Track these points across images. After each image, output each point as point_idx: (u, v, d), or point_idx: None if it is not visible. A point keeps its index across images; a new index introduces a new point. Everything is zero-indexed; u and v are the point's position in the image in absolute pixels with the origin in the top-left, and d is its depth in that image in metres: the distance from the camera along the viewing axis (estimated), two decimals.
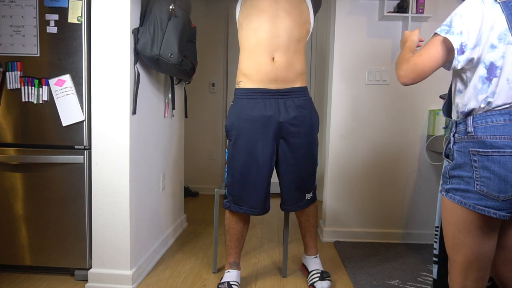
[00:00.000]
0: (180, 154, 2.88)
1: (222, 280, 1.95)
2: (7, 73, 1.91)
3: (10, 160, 1.96)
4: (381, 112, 2.68)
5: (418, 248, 2.60)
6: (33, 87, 1.91)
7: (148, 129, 2.17)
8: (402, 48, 1.39)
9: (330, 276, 2.02)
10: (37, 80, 1.90)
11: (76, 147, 1.93)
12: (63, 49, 1.88)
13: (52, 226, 1.97)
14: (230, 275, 1.96)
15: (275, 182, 2.01)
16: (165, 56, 1.92)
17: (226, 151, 1.94)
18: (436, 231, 1.60)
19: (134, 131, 1.96)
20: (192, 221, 3.20)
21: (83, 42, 1.87)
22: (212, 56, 4.21)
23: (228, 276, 1.96)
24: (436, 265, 1.60)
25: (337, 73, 2.68)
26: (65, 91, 1.89)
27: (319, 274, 1.99)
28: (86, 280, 1.97)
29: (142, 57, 1.94)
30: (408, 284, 2.06)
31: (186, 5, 2.14)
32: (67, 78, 1.89)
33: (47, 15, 1.87)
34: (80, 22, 1.86)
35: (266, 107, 1.83)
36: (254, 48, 1.82)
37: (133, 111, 1.92)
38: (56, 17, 1.87)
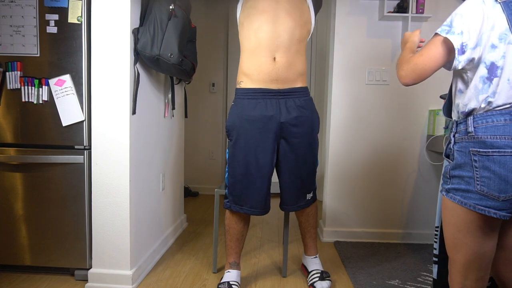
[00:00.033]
0: (180, 154, 2.88)
1: (222, 280, 1.95)
2: (7, 73, 1.91)
3: (10, 160, 1.96)
4: (381, 112, 2.68)
5: (418, 248, 2.60)
6: (33, 87, 1.90)
7: (148, 129, 2.17)
8: (403, 49, 1.38)
9: (330, 276, 2.02)
10: (37, 80, 1.90)
11: (76, 147, 1.93)
12: (63, 49, 1.88)
13: (52, 226, 1.97)
14: (230, 275, 1.96)
15: (275, 182, 2.01)
16: (165, 56, 1.92)
17: (227, 151, 1.94)
18: (436, 231, 1.60)
19: (134, 131, 1.96)
20: (192, 221, 3.20)
21: (83, 42, 1.87)
22: (212, 56, 4.21)
23: (228, 276, 1.96)
24: (436, 265, 1.60)
25: (337, 73, 2.68)
26: (65, 91, 1.89)
27: (319, 274, 1.99)
28: (86, 280, 1.97)
29: (142, 57, 1.94)
30: (408, 284, 2.06)
31: (186, 5, 2.14)
32: (67, 78, 1.89)
33: (47, 15, 1.87)
34: (80, 22, 1.86)
35: (267, 107, 1.83)
36: (255, 48, 1.82)
37: (133, 111, 1.92)
38: (56, 17, 1.87)
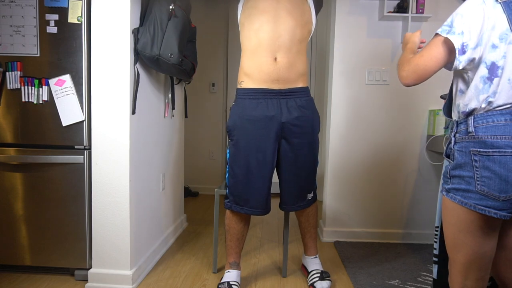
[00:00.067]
0: (180, 154, 2.88)
1: (222, 280, 1.95)
2: (7, 73, 1.91)
3: (10, 160, 1.95)
4: (381, 112, 2.68)
5: (418, 248, 2.60)
6: (33, 87, 1.90)
7: (148, 129, 2.17)
8: (404, 50, 1.38)
9: (330, 276, 2.02)
10: (37, 80, 1.90)
11: (76, 147, 1.93)
12: (63, 49, 1.88)
13: (52, 226, 1.97)
14: (230, 275, 1.96)
15: (275, 182, 2.01)
16: (165, 56, 1.92)
17: (227, 151, 1.93)
18: (436, 231, 1.60)
19: (134, 131, 1.96)
20: (192, 221, 3.20)
21: (83, 42, 1.87)
22: (212, 56, 4.21)
23: (228, 276, 1.96)
24: (436, 265, 1.60)
25: (337, 73, 2.68)
26: (65, 91, 1.89)
27: (319, 274, 1.99)
28: (86, 280, 1.97)
29: (142, 57, 1.94)
30: (408, 284, 2.06)
31: (186, 5, 2.14)
32: (67, 78, 1.89)
33: (47, 15, 1.87)
34: (80, 22, 1.86)
35: (268, 107, 1.83)
36: (256, 48, 1.82)
37: (133, 111, 1.92)
38: (56, 17, 1.87)
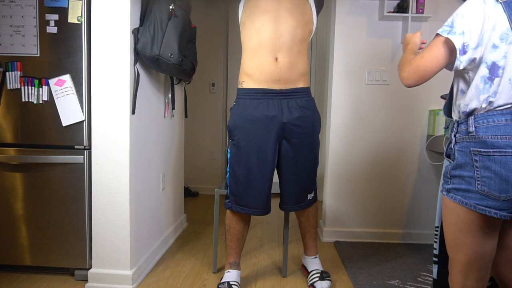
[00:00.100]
0: (180, 154, 2.88)
1: (222, 280, 1.95)
2: (7, 73, 1.91)
3: (10, 160, 1.95)
4: (381, 112, 2.68)
5: (418, 248, 2.60)
6: (33, 87, 1.90)
7: (148, 129, 2.17)
8: (404, 51, 1.38)
9: (330, 276, 2.02)
10: (37, 80, 1.90)
11: (76, 147, 1.93)
12: (63, 49, 1.88)
13: (52, 226, 1.97)
14: (230, 275, 1.96)
15: (275, 182, 2.01)
16: (165, 56, 1.92)
17: (228, 151, 1.93)
18: (436, 231, 1.60)
19: (134, 131, 1.96)
20: (192, 221, 3.20)
21: (83, 42, 1.87)
22: (212, 56, 4.20)
23: (228, 276, 1.96)
24: (436, 265, 1.60)
25: (337, 73, 2.68)
26: (65, 91, 1.89)
27: (319, 274, 1.99)
28: (86, 280, 1.97)
29: (142, 57, 1.94)
30: (408, 284, 2.06)
31: (186, 5, 2.14)
32: (67, 78, 1.89)
33: (47, 15, 1.86)
34: (80, 22, 1.86)
35: (269, 108, 1.83)
36: (257, 48, 1.82)
37: (132, 111, 1.92)
38: (56, 17, 1.86)
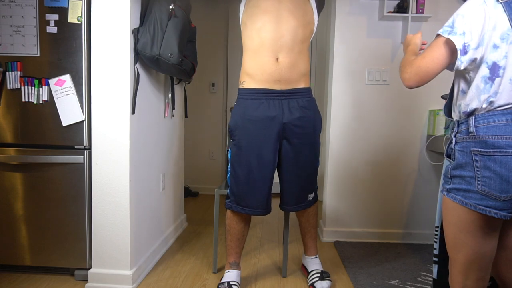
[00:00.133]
0: (180, 154, 2.88)
1: (222, 280, 1.95)
2: (7, 73, 1.91)
3: (10, 160, 1.95)
4: (381, 112, 2.68)
5: (418, 248, 2.60)
6: (33, 87, 1.90)
7: (148, 129, 2.17)
8: (405, 52, 1.38)
9: (330, 276, 2.02)
10: (37, 80, 1.90)
11: (76, 147, 1.93)
12: (63, 49, 1.88)
13: (52, 226, 1.97)
14: (230, 275, 1.96)
15: (276, 182, 2.01)
16: (165, 56, 1.92)
17: (229, 151, 1.93)
18: (436, 231, 1.60)
19: (134, 131, 1.96)
20: (192, 221, 3.20)
21: (83, 42, 1.87)
22: (212, 56, 4.20)
23: (228, 276, 1.96)
24: (436, 265, 1.60)
25: (337, 73, 2.68)
26: (65, 91, 1.89)
27: (319, 274, 1.99)
28: (86, 280, 1.97)
29: (142, 57, 1.94)
30: (408, 284, 2.06)
31: (186, 5, 2.14)
32: (67, 78, 1.88)
33: (47, 15, 1.86)
34: (80, 22, 1.86)
35: (270, 108, 1.83)
36: (258, 48, 1.82)
37: (132, 111, 1.92)
38: (56, 17, 1.86)
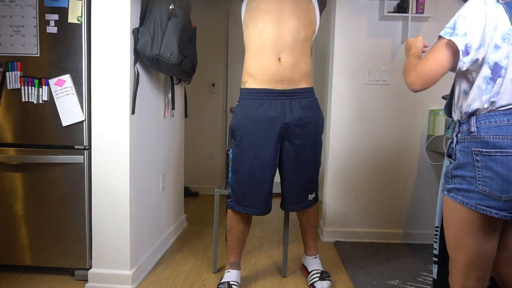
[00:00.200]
0: (180, 154, 2.88)
1: (222, 280, 1.95)
2: (7, 73, 1.91)
3: (10, 160, 1.95)
4: (381, 112, 2.68)
5: (418, 248, 2.60)
6: (33, 87, 1.90)
7: (148, 129, 2.17)
8: (407, 56, 1.37)
9: (330, 276, 2.02)
10: (37, 80, 1.90)
11: (76, 147, 1.93)
12: (63, 49, 1.88)
13: (52, 226, 1.97)
14: (230, 275, 1.96)
15: (276, 182, 2.01)
16: (165, 56, 1.92)
17: (231, 151, 1.94)
18: (436, 231, 1.59)
19: (134, 131, 1.96)
20: (192, 221, 3.20)
21: (83, 42, 1.87)
22: (212, 56, 4.20)
23: (228, 276, 1.96)
24: (436, 265, 1.60)
25: (337, 73, 2.68)
26: (65, 91, 1.89)
27: (319, 274, 1.99)
28: (86, 280, 1.97)
29: (142, 57, 1.94)
30: (408, 284, 2.06)
31: (186, 5, 2.14)
32: (67, 78, 1.88)
33: (47, 15, 1.86)
34: (80, 22, 1.86)
35: (272, 108, 1.83)
36: (260, 48, 1.82)
37: (132, 111, 1.92)
38: (56, 17, 1.86)
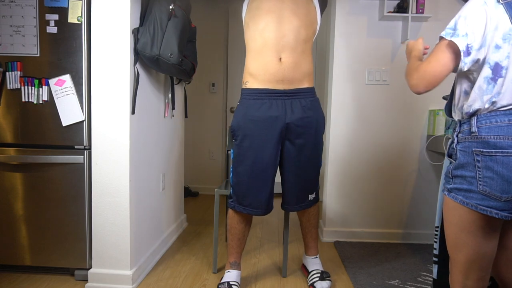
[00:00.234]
0: (180, 154, 2.88)
1: (222, 280, 1.95)
2: (7, 73, 1.91)
3: (10, 160, 1.95)
4: (381, 112, 2.68)
5: (418, 248, 2.60)
6: (33, 87, 1.90)
7: (148, 129, 2.17)
8: (409, 59, 1.37)
9: (330, 276, 2.02)
10: (37, 80, 1.90)
11: (76, 147, 1.93)
12: (63, 49, 1.88)
13: (52, 226, 1.97)
14: (230, 275, 1.96)
15: (277, 182, 2.01)
16: (165, 56, 1.92)
17: (231, 151, 1.94)
18: (436, 231, 1.59)
19: (134, 131, 1.96)
20: (192, 221, 3.20)
21: (83, 42, 1.87)
22: (212, 56, 4.20)
23: (228, 276, 1.96)
24: (436, 265, 1.60)
25: (337, 73, 2.68)
26: (65, 91, 1.89)
27: (319, 274, 1.99)
28: (86, 280, 1.97)
29: (142, 57, 1.94)
30: (408, 284, 2.06)
31: (186, 5, 2.14)
32: (67, 78, 1.88)
33: (47, 15, 1.86)
34: (80, 22, 1.86)
35: (273, 108, 1.83)
36: (261, 49, 1.82)
37: (132, 111, 1.92)
38: (56, 17, 1.86)
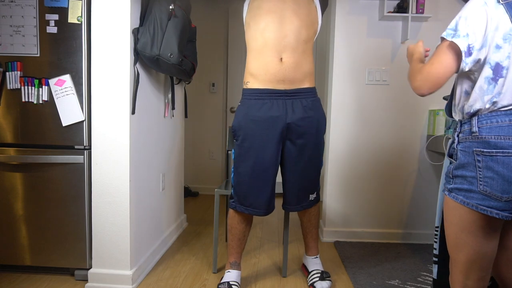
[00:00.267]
0: (180, 154, 2.88)
1: (222, 280, 1.95)
2: (7, 73, 1.91)
3: (10, 160, 1.95)
4: (381, 112, 2.68)
5: (418, 248, 2.60)
6: (33, 87, 1.90)
7: (148, 129, 2.17)
8: (410, 62, 1.37)
9: (330, 276, 2.02)
10: (37, 80, 1.90)
11: (76, 147, 1.93)
12: (63, 49, 1.88)
13: (52, 226, 1.97)
14: (230, 275, 1.96)
15: (278, 182, 2.01)
16: (165, 56, 1.92)
17: (232, 151, 1.94)
18: (436, 231, 1.60)
19: (134, 131, 1.96)
20: (192, 221, 3.20)
21: (83, 42, 1.87)
22: (212, 56, 4.20)
23: (228, 276, 1.96)
24: (436, 265, 1.60)
25: (337, 73, 2.68)
26: (65, 91, 1.89)
27: (319, 274, 1.99)
28: (86, 280, 1.97)
29: (142, 57, 1.94)
30: (408, 284, 2.06)
31: (186, 5, 2.14)
32: (67, 78, 1.88)
33: (47, 15, 1.86)
34: (80, 22, 1.86)
35: (274, 108, 1.83)
36: (262, 48, 1.82)
37: (132, 111, 1.92)
38: (56, 17, 1.86)
